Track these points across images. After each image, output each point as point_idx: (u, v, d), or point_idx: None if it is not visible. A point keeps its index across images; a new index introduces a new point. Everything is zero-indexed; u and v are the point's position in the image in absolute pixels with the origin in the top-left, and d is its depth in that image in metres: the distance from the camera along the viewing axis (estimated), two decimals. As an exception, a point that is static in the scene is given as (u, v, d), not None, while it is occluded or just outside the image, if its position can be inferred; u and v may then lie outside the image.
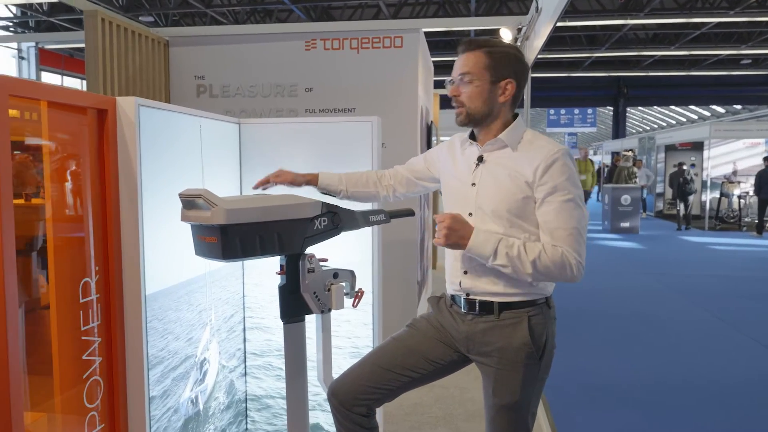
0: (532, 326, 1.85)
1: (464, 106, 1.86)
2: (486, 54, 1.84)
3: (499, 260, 1.76)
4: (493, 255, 1.77)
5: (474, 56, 1.84)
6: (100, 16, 4.13)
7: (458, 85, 1.86)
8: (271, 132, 2.81)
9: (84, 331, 1.87)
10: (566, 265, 1.76)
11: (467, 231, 1.79)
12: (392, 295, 4.42)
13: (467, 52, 1.86)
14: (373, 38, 4.49)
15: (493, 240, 1.77)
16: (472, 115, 1.87)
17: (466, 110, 1.86)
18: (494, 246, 1.76)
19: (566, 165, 1.79)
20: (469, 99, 1.86)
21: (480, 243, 1.77)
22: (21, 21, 17.50)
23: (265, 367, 2.86)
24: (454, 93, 1.87)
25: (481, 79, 1.84)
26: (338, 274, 2.13)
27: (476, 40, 1.89)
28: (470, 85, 1.84)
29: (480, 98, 1.85)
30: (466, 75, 1.84)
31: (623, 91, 24.94)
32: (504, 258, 1.76)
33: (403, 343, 2.02)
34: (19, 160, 1.96)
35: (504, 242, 1.77)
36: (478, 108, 1.86)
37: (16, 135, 1.75)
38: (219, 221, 1.76)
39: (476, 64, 1.84)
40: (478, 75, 1.83)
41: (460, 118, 1.88)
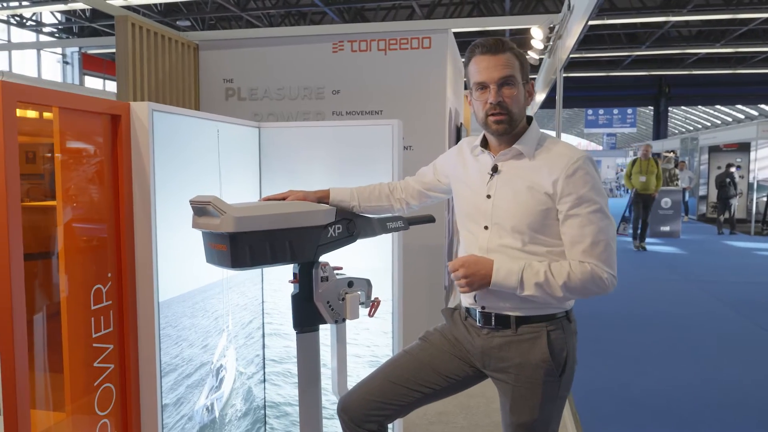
0: (552, 341, 1.76)
1: (509, 112, 1.72)
2: (516, 55, 1.73)
3: (527, 291, 1.68)
4: (520, 286, 1.68)
5: (510, 57, 1.71)
6: (130, 21, 4.18)
7: (500, 90, 1.70)
8: (292, 136, 2.77)
9: (96, 338, 1.86)
10: (596, 280, 1.67)
11: (486, 270, 1.71)
12: (418, 301, 4.35)
13: (502, 53, 1.70)
14: (400, 39, 4.43)
15: (516, 269, 1.68)
16: (515, 122, 1.74)
17: (510, 117, 1.72)
18: (518, 277, 1.68)
19: (588, 173, 1.69)
20: (514, 104, 1.72)
21: (503, 277, 1.69)
22: (65, 27, 18.01)
23: (284, 374, 2.83)
24: (499, 99, 1.70)
25: (519, 82, 1.73)
26: (353, 283, 2.08)
27: (504, 39, 1.76)
28: (514, 89, 1.72)
29: (521, 103, 1.75)
30: (511, 78, 1.71)
31: (665, 91, 24.32)
32: (532, 288, 1.68)
33: (415, 357, 1.94)
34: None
35: (528, 270, 1.68)
36: (520, 114, 1.75)
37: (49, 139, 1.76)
38: (228, 229, 1.73)
39: (514, 66, 1.72)
40: (518, 78, 1.73)
41: (503, 126, 1.72)
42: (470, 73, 1.78)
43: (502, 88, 1.71)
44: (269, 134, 2.79)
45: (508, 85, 1.71)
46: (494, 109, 1.72)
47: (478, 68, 1.73)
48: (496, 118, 1.72)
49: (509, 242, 1.74)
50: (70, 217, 1.78)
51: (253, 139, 2.73)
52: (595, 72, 21.04)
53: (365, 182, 2.60)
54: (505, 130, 1.74)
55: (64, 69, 19.91)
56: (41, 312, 2.00)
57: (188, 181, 2.21)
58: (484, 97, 1.74)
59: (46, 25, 17.76)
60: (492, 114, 1.73)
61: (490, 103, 1.72)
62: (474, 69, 1.75)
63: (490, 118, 1.74)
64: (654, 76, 23.13)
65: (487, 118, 1.74)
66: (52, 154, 1.82)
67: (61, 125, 1.74)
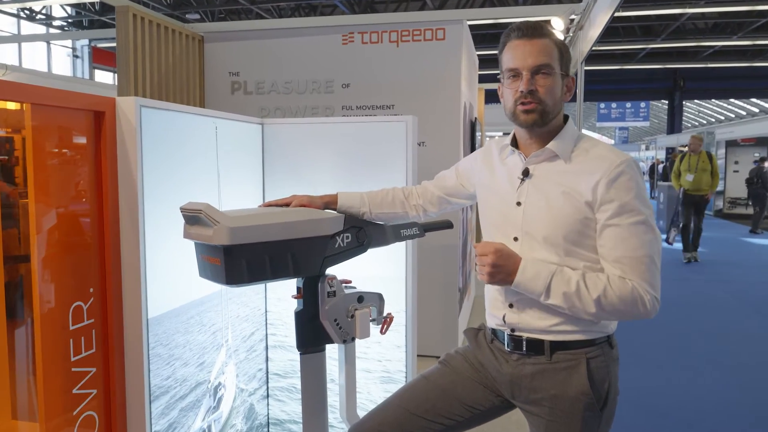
0: (592, 370, 1.54)
1: (541, 103, 1.52)
2: (554, 43, 1.53)
3: (553, 299, 1.47)
4: (546, 292, 1.47)
5: (547, 44, 1.52)
6: (131, 12, 3.99)
7: (533, 77, 1.51)
8: (298, 132, 2.57)
9: (76, 362, 1.67)
10: (638, 301, 1.45)
11: (514, 265, 1.49)
12: (431, 303, 4.16)
13: (539, 38, 1.51)
14: (413, 31, 4.22)
15: (545, 274, 1.47)
16: (547, 114, 1.53)
17: (542, 108, 1.52)
18: (546, 282, 1.47)
19: (633, 179, 1.47)
20: (547, 94, 1.52)
21: (529, 279, 1.48)
22: (75, 20, 17.90)
23: (288, 390, 2.64)
24: (532, 87, 1.50)
25: (557, 72, 1.53)
26: (363, 298, 1.87)
27: (542, 24, 1.57)
28: (549, 78, 1.52)
29: (556, 94, 1.54)
30: (546, 67, 1.51)
31: (680, 84, 23.88)
32: (560, 297, 1.46)
33: (434, 384, 1.73)
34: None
35: (559, 276, 1.47)
36: (554, 106, 1.54)
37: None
38: (222, 241, 1.53)
39: (551, 54, 1.52)
40: (555, 67, 1.53)
41: (533, 116, 1.51)
42: (503, 60, 1.57)
43: (535, 76, 1.51)
44: (273, 131, 2.58)
45: (543, 74, 1.51)
46: (525, 98, 1.51)
47: (512, 54, 1.53)
48: (525, 107, 1.52)
49: (543, 255, 1.53)
50: (45, 227, 1.59)
51: (255, 137, 2.53)
52: (609, 65, 20.66)
53: (377, 184, 2.39)
54: (535, 121, 1.53)
55: (74, 63, 19.82)
56: (11, 333, 1.81)
57: (182, 184, 2.01)
58: (515, 85, 1.53)
59: (55, 19, 17.65)
60: (522, 102, 1.52)
61: (520, 91, 1.51)
62: (507, 55, 1.54)
63: (519, 107, 1.53)
64: (669, 70, 22.69)
65: (516, 108, 1.54)
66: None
67: (35, 123, 1.54)
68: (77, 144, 1.69)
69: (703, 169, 8.46)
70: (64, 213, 1.66)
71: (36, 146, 1.57)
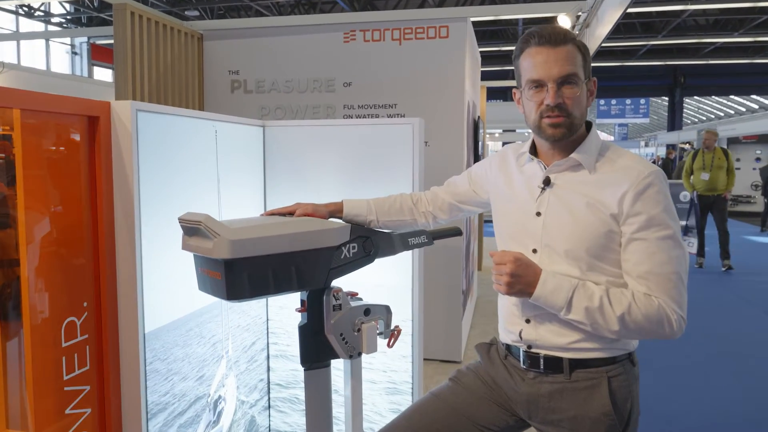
0: (614, 390, 1.46)
1: (569, 116, 1.43)
2: (578, 48, 1.44)
3: (574, 314, 1.39)
4: (567, 307, 1.39)
5: (571, 51, 1.42)
6: (129, 10, 3.90)
7: (560, 89, 1.42)
8: (300, 135, 2.48)
9: (69, 380, 1.59)
10: (664, 320, 1.37)
11: (533, 276, 1.41)
12: (434, 306, 4.08)
13: (563, 45, 1.41)
14: (416, 28, 4.13)
15: (567, 287, 1.39)
16: (575, 126, 1.45)
17: (570, 121, 1.44)
18: (568, 296, 1.39)
19: (661, 191, 1.40)
20: (575, 106, 1.43)
21: (549, 292, 1.40)
22: (74, 17, 17.77)
23: (291, 400, 2.56)
24: (559, 100, 1.41)
25: (582, 80, 1.44)
26: (370, 311, 1.79)
27: (565, 30, 1.47)
28: (575, 89, 1.43)
29: (582, 105, 1.46)
30: (573, 77, 1.42)
31: (680, 81, 23.81)
32: (581, 313, 1.38)
33: (445, 402, 1.65)
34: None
35: (581, 291, 1.39)
36: (581, 117, 1.46)
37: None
38: (222, 255, 1.44)
39: (576, 62, 1.43)
40: (580, 74, 1.44)
41: (561, 130, 1.43)
42: (523, 68, 1.47)
43: (562, 87, 1.42)
44: (275, 134, 2.50)
45: (570, 84, 1.42)
46: (551, 111, 1.42)
47: (533, 62, 1.43)
48: (553, 121, 1.43)
49: (564, 269, 1.45)
50: (36, 238, 1.50)
51: (256, 140, 2.44)
52: (609, 62, 20.57)
53: (382, 188, 2.32)
54: (563, 135, 1.44)
55: (73, 60, 19.69)
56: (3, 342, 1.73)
57: (181, 190, 1.92)
58: (539, 97, 1.44)
59: (54, 16, 17.52)
60: (548, 116, 1.43)
61: (547, 104, 1.42)
62: (528, 63, 1.45)
63: (545, 121, 1.44)
64: (669, 66, 22.61)
65: (542, 121, 1.45)
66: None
67: (25, 130, 1.45)
68: (70, 151, 1.61)
69: (719, 166, 7.75)
70: (57, 223, 1.57)
71: (26, 154, 1.49)
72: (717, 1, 13.35)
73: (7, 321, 2.32)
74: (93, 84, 14.81)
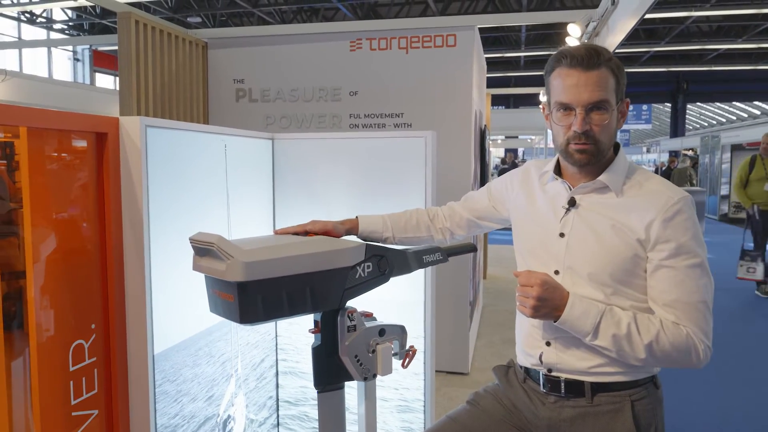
0: (638, 414, 1.42)
1: (597, 143, 1.39)
2: (611, 70, 1.38)
3: (601, 341, 1.35)
4: (593, 333, 1.35)
5: (603, 75, 1.37)
6: (133, 18, 3.87)
7: (588, 114, 1.37)
8: (310, 148, 2.44)
9: (76, 405, 1.54)
10: (691, 350, 1.34)
11: (561, 300, 1.36)
12: (442, 317, 4.02)
13: (596, 68, 1.36)
14: (423, 37, 4.10)
15: (594, 313, 1.35)
16: (602, 153, 1.41)
17: (597, 148, 1.39)
18: (595, 321, 1.34)
19: (690, 218, 1.36)
20: (603, 134, 1.39)
21: (577, 317, 1.35)
22: (76, 24, 17.78)
23: (300, 418, 2.51)
24: (587, 128, 1.37)
25: (613, 105, 1.39)
26: (385, 331, 1.74)
27: (598, 50, 1.40)
28: (605, 116, 1.38)
29: (612, 130, 1.41)
30: (603, 103, 1.37)
31: (683, 87, 23.80)
32: (608, 340, 1.34)
33: (463, 425, 1.60)
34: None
35: (608, 317, 1.34)
36: (609, 143, 1.42)
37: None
38: (236, 277, 1.40)
39: (609, 87, 1.37)
40: (612, 101, 1.38)
41: (587, 157, 1.39)
42: (552, 87, 1.43)
43: (590, 113, 1.37)
44: (284, 146, 2.46)
45: (599, 110, 1.37)
46: (578, 138, 1.38)
47: (563, 85, 1.39)
48: (579, 147, 1.39)
49: (587, 292, 1.40)
50: (43, 257, 1.46)
51: (265, 153, 2.40)
52: (612, 68, 20.58)
53: (393, 202, 2.27)
54: (589, 161, 1.41)
55: (75, 66, 19.70)
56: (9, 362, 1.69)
57: (190, 205, 1.88)
58: (567, 120, 1.40)
59: (56, 22, 17.53)
60: (576, 142, 1.39)
61: (574, 130, 1.38)
62: (558, 84, 1.40)
63: (572, 147, 1.40)
64: (672, 72, 22.60)
65: (568, 146, 1.41)
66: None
67: (32, 148, 1.41)
68: (78, 168, 1.56)
69: None
70: (64, 242, 1.53)
71: (33, 171, 1.44)
72: (720, 8, 13.34)
73: (12, 340, 2.28)
74: (96, 92, 14.81)
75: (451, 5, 13.52)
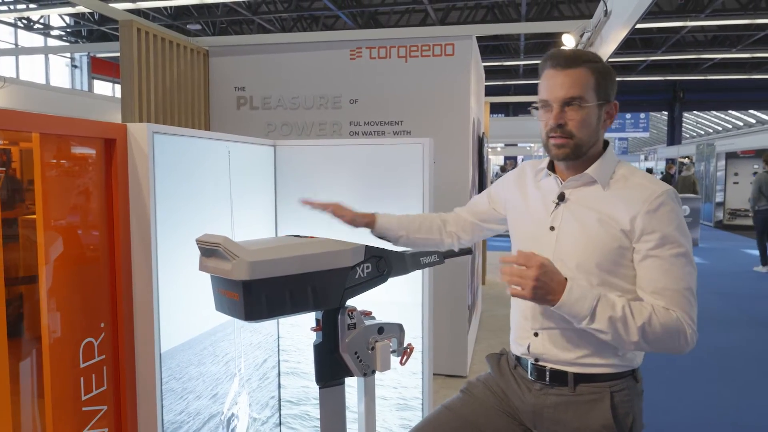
0: (616, 404, 1.49)
1: (572, 137, 1.48)
2: (591, 71, 1.48)
3: (597, 324, 1.39)
4: (591, 316, 1.39)
5: (581, 74, 1.47)
6: (135, 26, 3.93)
7: (563, 110, 1.48)
8: (311, 154, 2.51)
9: (87, 401, 1.59)
10: (680, 333, 1.39)
11: (558, 285, 1.40)
12: (441, 320, 4.07)
13: (570, 68, 1.47)
14: (422, 46, 4.17)
15: (591, 297, 1.40)
16: (580, 147, 1.50)
17: (574, 142, 1.48)
18: (592, 304, 1.39)
19: (674, 210, 1.43)
20: (579, 128, 1.48)
21: (575, 301, 1.39)
22: (74, 30, 17.84)
23: (302, 417, 2.56)
24: (561, 121, 1.47)
25: (591, 103, 1.48)
26: (384, 329, 1.81)
27: (577, 52, 1.52)
28: (581, 112, 1.47)
29: (590, 127, 1.49)
30: (577, 99, 1.46)
31: (679, 96, 23.95)
32: (605, 322, 1.39)
33: (456, 414, 1.67)
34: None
35: (605, 301, 1.40)
36: (587, 139, 1.50)
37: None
38: (241, 276, 1.46)
39: (585, 85, 1.47)
40: (588, 98, 1.48)
41: (564, 150, 1.49)
42: (539, 88, 1.54)
43: (566, 108, 1.47)
44: (285, 153, 2.52)
45: (574, 106, 1.47)
46: (554, 131, 1.49)
47: (544, 84, 1.51)
48: (556, 141, 1.49)
49: None
50: (54, 259, 1.52)
51: (267, 159, 2.47)
52: (609, 77, 20.71)
53: (392, 207, 2.34)
54: (567, 156, 1.50)
55: (73, 73, 19.74)
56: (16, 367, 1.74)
57: (195, 209, 1.94)
58: (546, 116, 1.51)
59: (54, 28, 17.58)
60: (552, 136, 1.50)
61: (550, 124, 1.49)
62: (541, 84, 1.52)
63: (551, 141, 1.51)
64: (669, 81, 22.76)
65: (549, 140, 1.52)
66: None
67: (44, 153, 1.47)
68: (87, 173, 1.62)
69: None
70: (74, 245, 1.59)
71: (45, 175, 1.50)
72: (715, 18, 13.48)
73: (17, 337, 2.33)
74: (94, 98, 14.85)
75: (451, 14, 13.65)
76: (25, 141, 1.82)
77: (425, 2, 12.28)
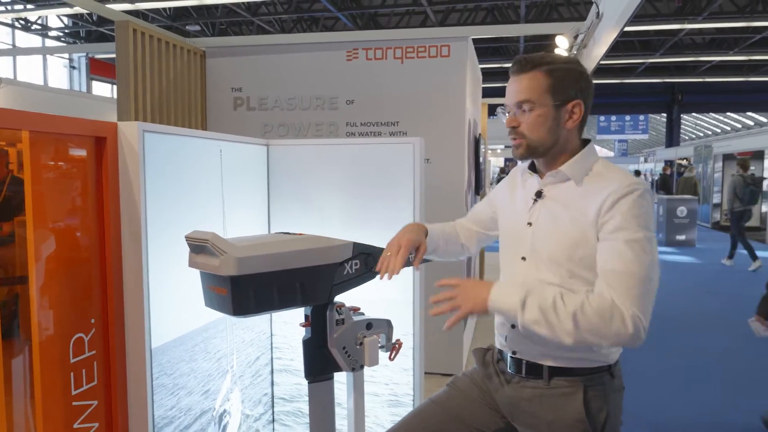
0: (589, 399, 1.51)
1: (525, 138, 1.55)
2: (546, 73, 1.52)
3: (529, 314, 1.39)
4: (521, 307, 1.40)
5: (532, 78, 1.52)
6: (131, 27, 3.95)
7: (516, 114, 1.55)
8: (303, 154, 2.53)
9: (77, 395, 1.61)
10: (615, 317, 1.36)
11: (485, 286, 1.46)
12: (436, 320, 4.09)
13: (522, 73, 1.53)
14: (418, 47, 4.19)
15: (521, 290, 1.42)
16: (535, 147, 1.55)
17: (527, 142, 1.55)
18: (522, 296, 1.40)
19: (639, 202, 1.43)
20: (530, 129, 1.54)
21: (505, 294, 1.43)
22: (72, 31, 17.84)
23: (294, 414, 2.58)
24: (513, 124, 1.55)
25: (544, 104, 1.51)
26: (372, 325, 1.83)
27: (532, 57, 1.56)
28: (531, 114, 1.53)
29: (543, 127, 1.53)
30: (526, 103, 1.52)
31: (677, 98, 23.98)
32: (536, 311, 1.39)
33: (442, 407, 1.71)
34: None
35: (535, 292, 1.42)
36: (541, 139, 1.54)
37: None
38: (229, 272, 1.48)
39: (536, 88, 1.52)
40: (540, 101, 1.51)
41: (520, 150, 1.57)
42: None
43: (518, 112, 1.55)
44: (278, 152, 2.54)
45: (523, 109, 1.54)
46: (510, 133, 1.58)
47: (506, 90, 1.60)
48: (513, 143, 1.59)
49: (547, 276, 1.51)
50: (44, 256, 1.54)
51: (260, 158, 2.49)
52: (608, 79, 20.73)
53: (384, 205, 2.38)
54: (523, 155, 1.57)
55: (71, 74, 19.74)
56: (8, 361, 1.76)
57: (187, 208, 1.96)
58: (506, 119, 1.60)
59: (52, 29, 17.59)
60: (510, 138, 1.59)
61: (506, 127, 1.58)
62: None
63: (511, 142, 1.60)
64: (667, 84, 22.78)
65: (511, 142, 1.61)
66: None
67: (33, 151, 1.49)
68: (78, 171, 1.64)
69: None
70: (64, 241, 1.61)
71: (35, 173, 1.52)
72: (712, 21, 13.52)
73: (11, 337, 2.35)
74: (92, 99, 14.85)
75: (450, 16, 13.68)
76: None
77: (425, 4, 12.32)
